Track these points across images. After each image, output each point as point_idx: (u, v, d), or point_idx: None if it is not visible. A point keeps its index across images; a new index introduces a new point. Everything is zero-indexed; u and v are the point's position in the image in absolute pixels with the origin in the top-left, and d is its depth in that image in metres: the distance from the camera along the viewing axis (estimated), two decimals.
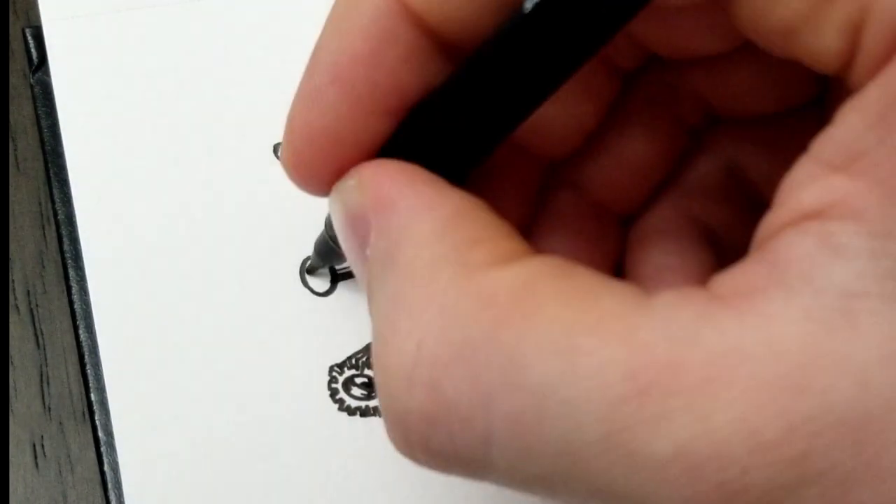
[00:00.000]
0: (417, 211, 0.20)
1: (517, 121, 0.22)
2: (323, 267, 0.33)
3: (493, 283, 0.19)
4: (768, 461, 0.16)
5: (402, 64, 0.21)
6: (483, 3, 0.21)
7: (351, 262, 0.22)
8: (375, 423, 0.31)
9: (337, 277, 0.33)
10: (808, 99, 0.24)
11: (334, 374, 0.32)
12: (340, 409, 0.31)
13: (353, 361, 0.32)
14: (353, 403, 0.31)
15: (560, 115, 0.24)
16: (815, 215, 0.18)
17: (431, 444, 0.19)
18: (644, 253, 0.25)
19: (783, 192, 0.19)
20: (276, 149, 0.35)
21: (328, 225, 0.30)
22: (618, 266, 0.26)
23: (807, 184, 0.18)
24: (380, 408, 0.20)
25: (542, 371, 0.18)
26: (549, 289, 0.18)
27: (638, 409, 0.17)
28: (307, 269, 0.33)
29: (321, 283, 0.34)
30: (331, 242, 0.30)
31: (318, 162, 0.23)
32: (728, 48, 0.23)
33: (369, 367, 0.32)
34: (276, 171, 0.35)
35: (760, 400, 0.16)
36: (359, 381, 0.32)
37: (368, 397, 0.32)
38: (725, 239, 0.25)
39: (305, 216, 0.34)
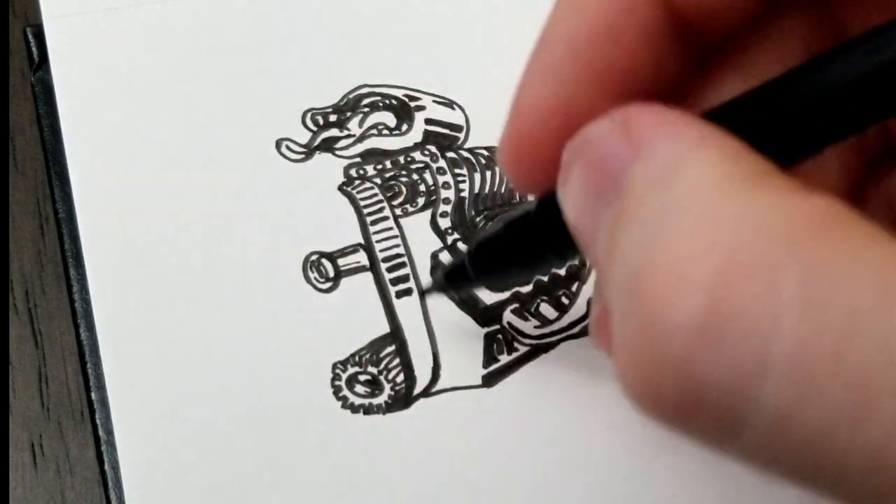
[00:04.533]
0: (701, 139, 0.18)
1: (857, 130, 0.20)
2: (439, 293, 0.32)
3: (801, 202, 0.17)
4: None
5: (639, 43, 0.21)
6: None
7: (587, 210, 0.20)
8: (379, 420, 0.31)
9: (340, 274, 0.33)
10: None
11: (337, 371, 0.32)
12: (344, 406, 0.31)
13: (357, 359, 0.32)
14: (357, 401, 0.31)
15: None
16: None
17: (693, 365, 0.17)
18: None
19: None
20: (278, 144, 0.35)
21: (470, 251, 0.29)
22: None
23: None
24: (624, 332, 0.18)
25: (852, 299, 0.16)
26: (857, 224, 0.17)
27: None
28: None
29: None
30: (469, 268, 0.29)
31: (544, 143, 0.22)
32: None
33: (372, 365, 0.32)
34: (279, 168, 0.35)
35: None
36: (362, 378, 0.32)
37: (372, 395, 0.31)
38: None
39: (308, 212, 0.34)
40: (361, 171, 0.35)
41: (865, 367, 0.15)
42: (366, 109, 0.36)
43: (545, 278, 0.33)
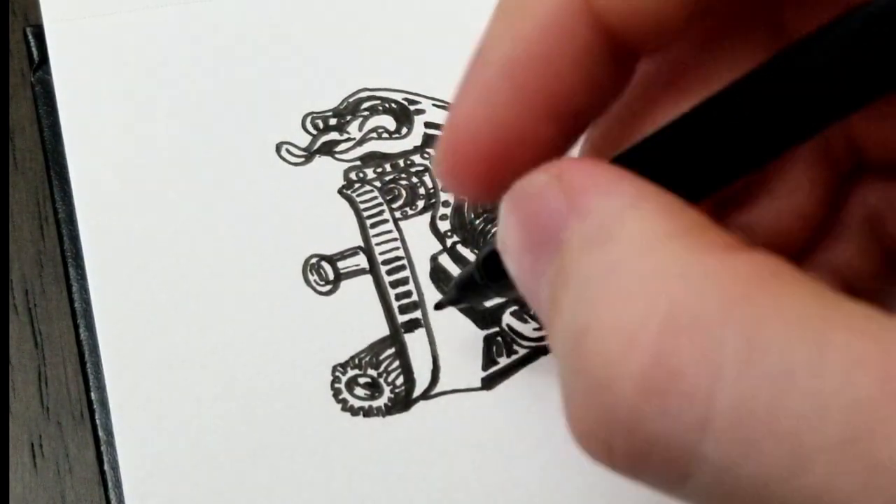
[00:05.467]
0: (639, 195, 0.19)
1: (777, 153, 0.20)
2: (456, 305, 0.33)
3: (735, 261, 0.17)
4: None
5: (576, 66, 0.21)
6: (670, 2, 0.20)
7: (523, 260, 0.21)
8: (378, 423, 0.31)
9: (339, 276, 0.33)
10: None
11: (337, 373, 0.32)
12: (343, 409, 0.31)
13: (357, 361, 0.32)
14: (357, 403, 0.31)
15: None
16: None
17: (639, 421, 0.17)
18: None
19: None
20: (278, 148, 0.35)
21: (479, 263, 0.29)
22: None
23: None
24: (571, 389, 0.19)
25: (786, 357, 0.16)
26: (792, 279, 0.17)
27: (890, 415, 0.15)
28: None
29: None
30: (479, 279, 0.29)
31: (476, 160, 0.22)
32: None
33: (372, 367, 0.32)
34: (279, 171, 0.35)
35: None
36: (362, 380, 0.32)
37: (371, 397, 0.32)
38: (859, 292, 0.24)
39: (308, 215, 0.34)
40: (361, 175, 0.35)
41: (799, 423, 0.16)
42: (365, 113, 0.36)
43: None
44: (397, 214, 0.35)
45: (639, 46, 0.21)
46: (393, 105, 0.36)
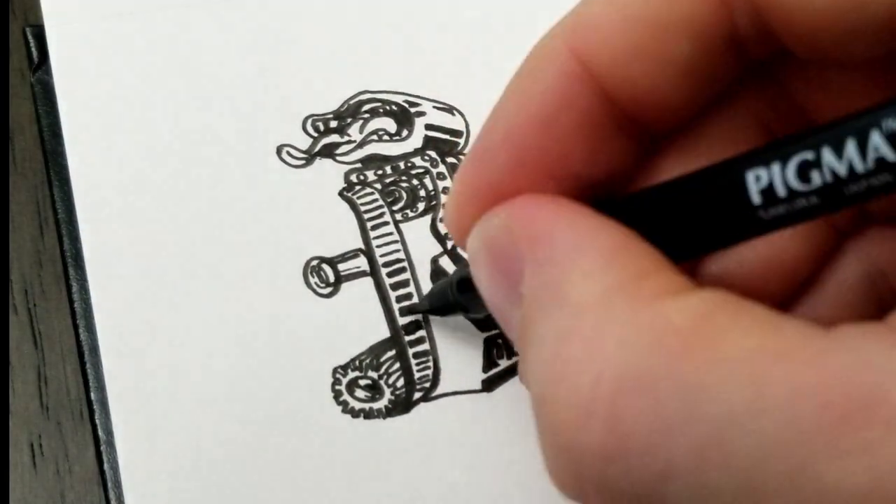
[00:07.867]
0: (579, 243, 0.20)
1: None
2: (428, 313, 0.33)
3: (670, 313, 0.18)
4: None
5: (575, 132, 0.21)
6: (671, 74, 0.21)
7: (495, 303, 0.22)
8: (379, 425, 0.31)
9: (340, 279, 0.33)
10: None
11: (338, 375, 0.32)
12: (344, 411, 0.31)
13: (357, 363, 0.32)
14: (357, 405, 0.32)
15: None
16: None
17: (606, 480, 0.18)
18: None
19: None
20: (279, 150, 0.35)
21: (455, 281, 0.30)
22: None
23: None
24: (543, 446, 0.20)
25: (728, 401, 0.17)
26: (728, 318, 0.18)
27: (833, 440, 0.16)
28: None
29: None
30: (452, 296, 0.30)
31: (479, 218, 0.23)
32: None
33: (372, 369, 0.32)
34: (280, 173, 0.35)
35: None
36: (362, 383, 0.32)
37: (372, 399, 0.32)
38: None
39: (309, 217, 0.34)
40: (362, 177, 0.35)
41: (749, 462, 0.17)
42: (366, 115, 0.36)
43: None
44: (398, 216, 0.35)
45: (649, 118, 0.22)
46: (393, 107, 0.36)
